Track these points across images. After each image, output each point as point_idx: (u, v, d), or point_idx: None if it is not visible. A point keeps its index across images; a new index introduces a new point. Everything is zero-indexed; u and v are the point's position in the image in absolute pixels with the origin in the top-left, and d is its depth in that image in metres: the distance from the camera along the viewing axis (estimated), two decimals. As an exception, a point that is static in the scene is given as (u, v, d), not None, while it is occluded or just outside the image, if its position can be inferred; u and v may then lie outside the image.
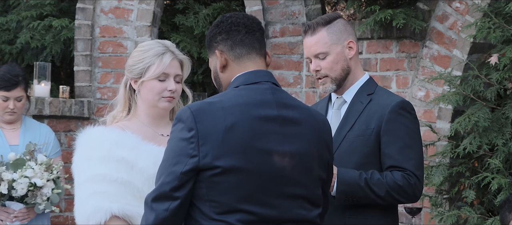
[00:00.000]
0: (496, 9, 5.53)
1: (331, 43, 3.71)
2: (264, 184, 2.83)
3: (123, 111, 3.51)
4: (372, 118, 3.64)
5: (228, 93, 2.92)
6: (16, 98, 5.46)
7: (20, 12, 7.58)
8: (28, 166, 5.06)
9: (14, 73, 5.43)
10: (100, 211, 3.27)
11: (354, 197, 3.57)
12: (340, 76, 3.73)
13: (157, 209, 2.82)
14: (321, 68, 3.73)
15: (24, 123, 5.57)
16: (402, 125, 3.61)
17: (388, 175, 3.58)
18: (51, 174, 5.11)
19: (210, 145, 2.80)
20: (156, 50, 3.43)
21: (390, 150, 3.60)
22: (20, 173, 5.02)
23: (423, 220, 5.89)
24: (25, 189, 5.03)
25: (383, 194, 3.55)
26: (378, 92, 3.74)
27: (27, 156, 5.16)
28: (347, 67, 3.73)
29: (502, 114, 5.41)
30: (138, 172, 3.32)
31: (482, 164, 5.53)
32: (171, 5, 7.82)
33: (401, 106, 3.64)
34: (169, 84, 3.42)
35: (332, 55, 3.71)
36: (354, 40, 3.76)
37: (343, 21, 3.77)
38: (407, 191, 3.58)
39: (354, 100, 3.73)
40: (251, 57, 2.98)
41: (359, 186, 3.54)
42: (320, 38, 3.72)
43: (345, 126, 3.67)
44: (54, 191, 5.10)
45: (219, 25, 3.00)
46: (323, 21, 3.74)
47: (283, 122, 2.89)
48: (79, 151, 3.42)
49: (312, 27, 3.74)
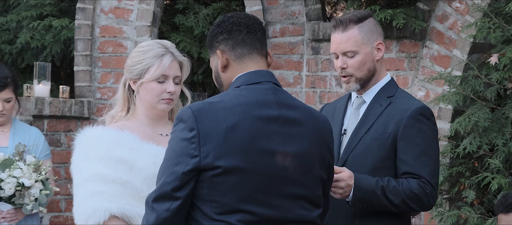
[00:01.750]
0: (496, 9, 5.53)
1: (361, 43, 3.64)
2: (265, 184, 2.83)
3: (122, 111, 3.51)
4: (390, 122, 3.59)
5: (229, 93, 2.92)
6: (5, 100, 5.41)
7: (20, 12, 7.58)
8: (16, 166, 5.05)
9: (2, 75, 5.38)
10: (99, 211, 3.26)
11: (370, 204, 3.53)
12: (365, 77, 3.67)
13: (158, 209, 2.82)
14: (347, 66, 3.65)
15: (14, 125, 5.54)
16: (420, 131, 3.56)
17: (404, 183, 3.53)
18: (40, 175, 5.10)
19: (211, 145, 2.80)
20: (156, 51, 3.42)
21: (407, 156, 3.55)
22: (8, 173, 5.02)
23: (423, 220, 5.89)
24: (12, 189, 5.02)
25: (398, 202, 3.51)
26: (398, 95, 3.68)
27: (16, 157, 5.15)
28: (373, 68, 3.68)
29: (502, 114, 5.41)
30: (137, 172, 3.31)
31: (482, 164, 5.53)
32: (171, 5, 7.82)
33: (420, 112, 3.58)
34: (168, 86, 3.41)
35: (361, 55, 3.65)
36: (382, 41, 3.71)
37: (374, 20, 3.71)
38: (422, 200, 3.54)
39: (374, 101, 3.67)
40: (252, 57, 2.98)
41: (376, 195, 3.50)
42: (351, 36, 3.64)
43: (363, 128, 3.63)
44: (42, 192, 5.09)
45: (221, 25, 3.00)
46: (355, 18, 3.65)
47: (284, 122, 2.89)
48: (78, 151, 3.42)
49: (344, 23, 3.65)
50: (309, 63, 6.64)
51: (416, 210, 3.59)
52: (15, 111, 5.58)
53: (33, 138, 5.52)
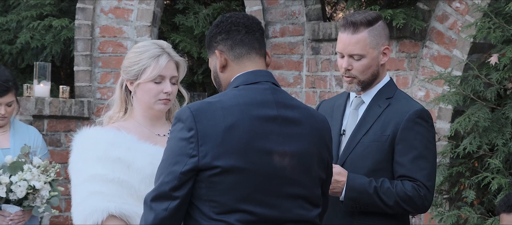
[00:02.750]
0: (496, 9, 5.53)
1: (370, 47, 3.61)
2: (263, 184, 2.83)
3: (119, 111, 3.51)
4: (388, 124, 3.58)
5: (227, 93, 2.92)
6: (7, 104, 5.38)
7: (20, 12, 7.58)
8: (28, 168, 5.04)
9: (4, 79, 5.34)
10: (97, 211, 3.27)
11: (362, 204, 3.53)
12: (368, 80, 3.65)
13: (157, 209, 2.82)
14: (352, 68, 3.63)
15: (13, 126, 5.52)
16: (418, 134, 3.56)
17: (398, 185, 3.53)
18: (48, 177, 5.10)
19: (209, 145, 2.80)
20: (152, 52, 3.42)
21: (403, 159, 3.55)
22: (19, 176, 5.00)
23: (423, 220, 5.88)
24: (24, 192, 5.01)
25: (391, 204, 3.51)
26: (397, 96, 3.67)
27: (23, 159, 5.14)
28: (377, 72, 3.66)
29: (502, 114, 5.41)
30: (134, 171, 3.32)
31: (482, 164, 5.53)
32: (171, 5, 7.82)
33: (419, 114, 3.57)
34: (165, 86, 3.41)
35: (368, 59, 3.62)
36: (389, 45, 3.69)
37: (383, 23, 3.68)
38: (416, 202, 3.53)
39: (373, 102, 3.66)
40: (251, 57, 2.98)
41: (368, 194, 3.49)
42: (361, 39, 3.61)
43: (361, 129, 3.62)
44: (51, 194, 5.09)
45: (219, 25, 3.00)
46: (366, 21, 3.62)
47: (283, 122, 2.89)
48: (76, 152, 3.42)
49: (355, 26, 3.61)
50: (309, 63, 6.64)
51: (410, 212, 3.58)
52: (15, 112, 5.57)
53: (32, 138, 5.51)
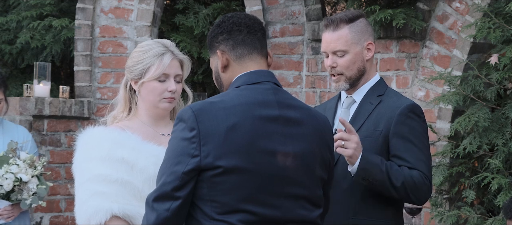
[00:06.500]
0: (496, 9, 5.53)
1: (351, 42, 3.68)
2: (265, 184, 2.83)
3: (123, 111, 3.51)
4: (381, 120, 3.62)
5: (229, 93, 2.92)
6: None
7: (20, 12, 7.59)
8: (14, 161, 5.07)
9: None
10: (101, 212, 3.27)
11: (372, 179, 3.52)
12: (355, 76, 3.70)
13: (159, 209, 2.82)
14: (337, 65, 3.69)
15: (2, 125, 5.53)
16: (411, 128, 3.60)
17: (405, 169, 3.55)
18: (35, 170, 5.12)
19: (211, 145, 2.80)
20: (156, 51, 3.42)
21: (402, 153, 3.58)
22: (5, 169, 5.04)
23: (423, 220, 5.89)
24: (11, 184, 5.04)
25: (398, 185, 3.52)
26: (388, 93, 3.72)
27: (10, 154, 5.16)
28: (363, 68, 3.71)
29: (502, 114, 5.42)
30: (138, 172, 3.32)
31: (482, 164, 5.54)
32: (171, 5, 7.82)
33: (411, 109, 3.62)
34: (169, 84, 3.41)
35: (351, 54, 3.68)
36: (373, 41, 3.74)
37: (365, 21, 3.75)
38: (419, 190, 3.55)
39: (364, 100, 3.71)
40: (253, 57, 2.98)
41: (380, 170, 3.51)
42: (342, 36, 3.68)
43: (354, 126, 3.62)
44: (39, 186, 5.11)
45: (221, 25, 3.00)
46: (346, 18, 3.69)
47: (284, 122, 2.89)
48: (80, 152, 3.42)
49: (335, 23, 3.69)
50: (309, 63, 6.65)
51: (412, 200, 3.58)
52: (4, 111, 5.56)
53: (21, 137, 5.52)
